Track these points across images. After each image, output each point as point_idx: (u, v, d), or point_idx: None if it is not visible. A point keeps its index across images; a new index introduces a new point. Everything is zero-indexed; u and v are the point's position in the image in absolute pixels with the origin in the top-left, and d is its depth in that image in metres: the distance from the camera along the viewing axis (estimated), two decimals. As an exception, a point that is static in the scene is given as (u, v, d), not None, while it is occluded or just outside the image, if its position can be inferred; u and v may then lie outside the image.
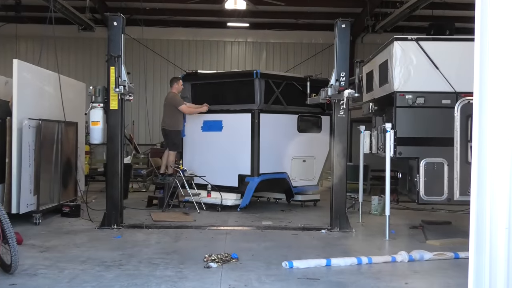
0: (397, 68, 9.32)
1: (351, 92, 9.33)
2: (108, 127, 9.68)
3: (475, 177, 4.25)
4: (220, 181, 11.98)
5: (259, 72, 11.65)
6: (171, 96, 12.32)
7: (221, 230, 9.61)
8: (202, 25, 21.88)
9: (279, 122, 12.11)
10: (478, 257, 4.20)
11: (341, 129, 9.64)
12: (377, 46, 12.33)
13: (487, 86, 4.19)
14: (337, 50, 9.59)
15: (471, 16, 4.58)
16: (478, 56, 4.25)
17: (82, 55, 21.78)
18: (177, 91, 12.39)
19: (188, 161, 12.52)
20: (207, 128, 12.35)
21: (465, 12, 17.78)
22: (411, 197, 9.81)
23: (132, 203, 12.59)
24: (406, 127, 9.29)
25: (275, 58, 22.36)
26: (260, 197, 13.52)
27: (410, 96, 9.23)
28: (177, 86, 12.40)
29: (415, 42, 9.31)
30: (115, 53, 9.49)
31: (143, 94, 20.63)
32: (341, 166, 9.63)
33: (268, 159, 11.77)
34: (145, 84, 20.51)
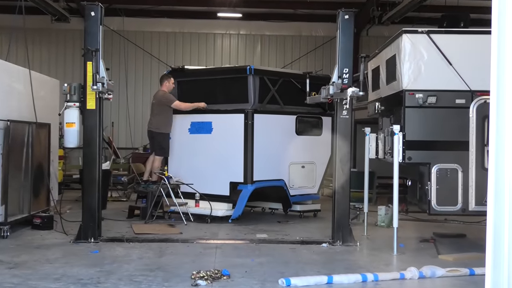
0: (406, 64, 9.34)
1: (355, 91, 9.35)
2: (85, 129, 9.67)
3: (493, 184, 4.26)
4: (210, 189, 11.97)
5: (253, 68, 11.66)
6: (161, 94, 12.33)
7: (210, 244, 9.59)
8: (190, 16, 21.90)
9: (275, 123, 12.12)
10: (495, 273, 4.21)
11: (344, 131, 9.65)
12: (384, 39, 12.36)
13: (505, 84, 4.20)
14: (340, 43, 9.61)
15: (488, 6, 4.60)
16: (496, 51, 4.26)
17: (56, 49, 21.75)
18: (167, 90, 12.39)
19: (174, 167, 12.51)
20: (195, 130, 12.35)
21: (481, 2, 17.86)
22: (421, 207, 9.82)
23: (111, 213, 12.56)
24: (416, 130, 9.31)
25: (271, 52, 22.39)
26: (254, 207, 13.52)
27: (420, 95, 9.25)
28: (167, 85, 12.41)
29: (426, 35, 9.33)
30: (93, 47, 9.47)
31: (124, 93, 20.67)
32: (344, 173, 9.64)
33: (263, 165, 11.77)
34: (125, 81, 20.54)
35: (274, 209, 13.27)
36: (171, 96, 12.32)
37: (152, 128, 12.37)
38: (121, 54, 21.09)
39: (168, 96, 12.28)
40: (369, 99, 12.09)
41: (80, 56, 10.73)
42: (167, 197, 11.93)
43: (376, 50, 11.46)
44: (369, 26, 21.72)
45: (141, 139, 20.54)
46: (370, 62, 11.91)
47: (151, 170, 12.43)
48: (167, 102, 12.20)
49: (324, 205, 13.12)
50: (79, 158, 17.80)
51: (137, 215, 12.27)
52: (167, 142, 12.39)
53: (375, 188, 14.22)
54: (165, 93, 12.34)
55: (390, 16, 19.67)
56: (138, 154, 18.98)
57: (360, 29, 21.58)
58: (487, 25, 5.81)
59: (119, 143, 21.08)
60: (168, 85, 12.41)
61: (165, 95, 12.30)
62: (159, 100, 12.31)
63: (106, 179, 13.86)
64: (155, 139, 12.37)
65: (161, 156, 12.42)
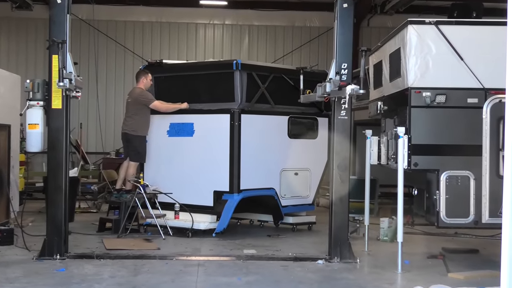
0: (412, 59, 9.38)
1: (355, 88, 9.37)
2: (50, 131, 9.64)
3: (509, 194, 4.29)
4: (191, 199, 11.97)
5: (239, 62, 11.67)
6: (138, 92, 12.32)
7: (192, 261, 9.58)
8: (168, 3, 21.91)
9: (265, 125, 12.13)
10: (511, 293, 4.24)
11: (343, 134, 9.67)
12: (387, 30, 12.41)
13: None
14: (338, 35, 9.63)
15: (503, -5, 4.63)
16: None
17: (16, 40, 21.67)
18: (145, 87, 12.38)
19: (150, 174, 12.49)
20: (175, 133, 12.34)
21: (496, -11, 17.96)
22: (429, 219, 9.85)
23: (79, 227, 12.53)
24: (423, 132, 9.35)
25: (260, 45, 22.42)
26: (241, 219, 13.52)
27: (428, 94, 9.29)
28: (145, 81, 12.40)
29: (435, 26, 9.37)
30: (59, 38, 9.44)
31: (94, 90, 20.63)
32: (343, 181, 9.66)
33: (251, 172, 11.78)
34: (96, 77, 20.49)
35: (264, 222, 13.27)
36: (149, 94, 12.31)
37: (127, 130, 12.34)
38: (90, 46, 21.04)
39: (146, 95, 12.26)
40: (370, 98, 12.13)
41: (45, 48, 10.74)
42: (142, 208, 11.91)
43: (378, 43, 11.50)
44: (371, 15, 21.80)
45: (113, 142, 20.50)
46: (371, 56, 11.95)
47: (125, 177, 12.41)
48: (145, 102, 12.18)
49: (320, 217, 13.13)
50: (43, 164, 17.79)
51: (108, 228, 12.24)
52: (144, 146, 12.38)
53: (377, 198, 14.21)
54: (142, 91, 12.33)
55: (394, 4, 19.75)
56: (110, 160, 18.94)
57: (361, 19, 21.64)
58: (502, 15, 5.85)
59: (89, 147, 21.03)
60: (145, 82, 12.40)
61: (142, 93, 12.29)
62: (136, 98, 12.29)
63: (74, 187, 13.80)
64: (130, 142, 12.36)
65: (137, 162, 12.40)
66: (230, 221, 12.01)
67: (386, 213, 13.39)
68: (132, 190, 12.22)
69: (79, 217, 14.12)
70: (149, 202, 11.90)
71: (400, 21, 9.91)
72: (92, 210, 15.44)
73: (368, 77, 11.85)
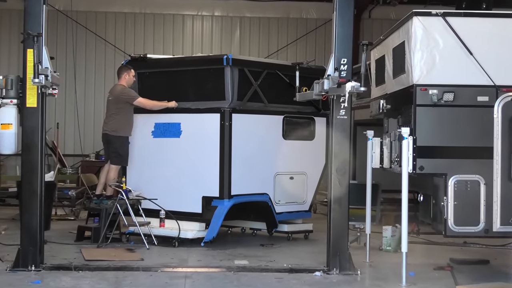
0: (418, 54, 9.38)
1: (355, 86, 9.36)
2: (24, 132, 9.62)
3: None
4: (178, 206, 11.96)
5: (230, 57, 11.66)
6: (119, 90, 12.29)
7: (178, 273, 9.57)
8: (153, -7, 21.93)
9: (258, 125, 12.13)
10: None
11: (342, 135, 9.67)
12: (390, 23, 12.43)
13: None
14: (337, 28, 9.63)
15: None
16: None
17: (-12, 33, 21.64)
18: (127, 84, 12.35)
19: (133, 178, 12.48)
20: (160, 133, 12.33)
21: (507, -21, 18.01)
22: (436, 228, 9.86)
23: (56, 236, 12.50)
24: (430, 133, 9.35)
25: (253, 39, 22.42)
26: (232, 227, 13.52)
27: (434, 91, 9.29)
28: (127, 78, 12.36)
29: (442, 18, 9.38)
30: (34, 31, 9.42)
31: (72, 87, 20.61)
32: (342, 186, 9.65)
33: (243, 176, 11.78)
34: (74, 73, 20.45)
35: (257, 230, 13.27)
36: (132, 91, 12.29)
37: (107, 131, 12.31)
38: (68, 40, 21.00)
39: (129, 92, 12.24)
40: (372, 96, 12.13)
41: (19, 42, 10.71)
42: (124, 215, 11.89)
43: (380, 36, 11.50)
44: (372, 6, 21.84)
45: (92, 144, 20.45)
46: (373, 50, 11.96)
47: (106, 182, 12.38)
48: (127, 99, 12.15)
49: (317, 224, 13.14)
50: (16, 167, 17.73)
51: (88, 237, 12.21)
52: (126, 148, 12.35)
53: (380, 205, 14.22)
54: (124, 88, 12.30)
55: (397, -6, 19.78)
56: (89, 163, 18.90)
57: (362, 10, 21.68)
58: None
59: (66, 149, 20.98)
60: (127, 79, 12.37)
61: (124, 90, 12.26)
62: (117, 96, 12.26)
63: (50, 193, 13.77)
64: (111, 144, 12.32)
65: (118, 165, 12.38)
66: (220, 229, 12.01)
67: (389, 221, 13.39)
68: (114, 195, 12.20)
69: (55, 225, 14.09)
70: (132, 209, 11.88)
71: (405, 12, 9.91)
72: (69, 217, 15.41)
73: (369, 73, 11.85)
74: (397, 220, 11.51)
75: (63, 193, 16.05)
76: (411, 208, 9.84)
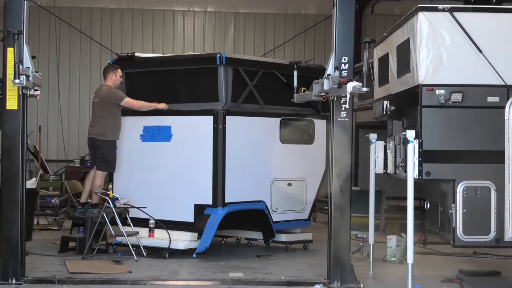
0: (423, 51, 9.38)
1: (357, 86, 9.36)
2: (4, 136, 9.61)
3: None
4: (168, 214, 11.95)
5: (224, 56, 11.67)
6: (105, 91, 12.27)
7: (169, 286, 9.58)
8: (141, -13, 21.93)
9: (254, 128, 12.13)
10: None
11: (343, 138, 9.66)
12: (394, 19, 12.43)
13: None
14: (337, 24, 9.63)
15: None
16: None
17: (-35, 31, 21.60)
18: (113, 85, 12.34)
19: (121, 185, 12.47)
20: (150, 137, 12.32)
21: (518, -28, 18.04)
22: (443, 237, 9.85)
23: (38, 246, 12.48)
24: (437, 136, 9.35)
25: (248, 36, 22.42)
26: (227, 237, 13.51)
27: (441, 91, 9.29)
28: (114, 78, 12.35)
29: (449, 14, 9.38)
30: (15, 28, 9.40)
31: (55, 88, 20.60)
32: (343, 193, 9.64)
33: (237, 183, 11.78)
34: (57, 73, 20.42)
35: (252, 240, 13.27)
36: (119, 91, 12.27)
37: (93, 135, 12.29)
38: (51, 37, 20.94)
39: (115, 92, 12.22)
40: (375, 96, 12.14)
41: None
42: (111, 224, 11.87)
43: (384, 33, 11.51)
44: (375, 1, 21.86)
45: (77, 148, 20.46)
46: (376, 48, 11.96)
47: (91, 189, 12.36)
48: (114, 100, 12.13)
49: (317, 234, 13.14)
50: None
51: (72, 248, 12.19)
52: (113, 153, 12.33)
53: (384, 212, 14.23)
54: (111, 88, 12.28)
55: (402, -11, 19.81)
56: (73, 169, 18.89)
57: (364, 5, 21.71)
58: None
59: (49, 154, 20.97)
60: (114, 79, 12.36)
61: (110, 91, 12.24)
62: (103, 98, 12.24)
63: (32, 201, 13.76)
64: (97, 149, 12.30)
65: (105, 171, 12.36)
66: (214, 239, 11.99)
67: (394, 230, 13.40)
68: (100, 204, 12.19)
69: (38, 235, 14.07)
70: (119, 218, 11.87)
71: (409, 7, 9.91)
72: (53, 227, 15.38)
73: (372, 72, 11.86)
74: (402, 229, 11.49)
75: (45, 201, 16.08)
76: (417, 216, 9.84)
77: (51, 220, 15.86)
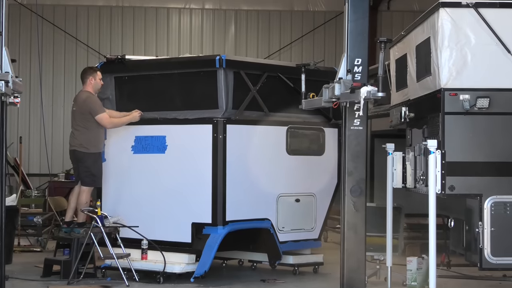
0: (446, 52, 9.37)
1: (372, 91, 9.35)
2: (-20, 148, 9.61)
3: None
4: (163, 234, 11.94)
5: (224, 58, 11.66)
6: (84, 98, 12.24)
7: (164, 315, 9.55)
8: (133, -17, 21.99)
9: (258, 138, 12.11)
10: None
11: (356, 149, 9.64)
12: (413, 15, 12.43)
13: None
14: (349, 22, 9.63)
15: None
16: None
17: None
18: (93, 90, 12.32)
19: (110, 201, 12.46)
20: (142, 149, 12.31)
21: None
22: (469, 259, 9.82)
23: (19, 270, 12.51)
24: (461, 146, 9.33)
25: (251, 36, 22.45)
26: (228, 259, 13.48)
27: (466, 96, 9.27)
28: (93, 82, 12.33)
29: (473, 10, 9.37)
30: (-8, 28, 9.44)
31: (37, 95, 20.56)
32: (357, 209, 9.62)
33: (239, 198, 11.76)
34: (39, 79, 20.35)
35: (257, 262, 13.24)
36: (96, 103, 12.13)
37: (75, 147, 12.24)
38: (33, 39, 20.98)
39: (92, 104, 12.05)
40: (392, 102, 12.12)
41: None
42: (100, 245, 11.85)
43: (401, 32, 11.50)
44: (391, -4, 21.90)
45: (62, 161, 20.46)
46: (393, 49, 11.96)
47: (77, 206, 12.34)
48: (91, 111, 12.03)
49: (328, 256, 13.12)
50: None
51: (56, 272, 12.19)
52: (99, 165, 12.31)
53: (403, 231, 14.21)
54: (89, 96, 12.19)
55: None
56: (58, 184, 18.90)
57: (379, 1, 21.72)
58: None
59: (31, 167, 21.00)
60: (94, 83, 12.28)
61: (88, 99, 12.13)
62: (81, 106, 12.18)
63: (12, 220, 13.76)
64: (82, 162, 12.25)
65: (91, 187, 12.35)
66: (214, 262, 11.96)
67: (414, 251, 13.39)
68: (87, 222, 12.17)
69: (18, 258, 14.08)
70: (109, 238, 11.84)
71: (430, 3, 9.89)
72: (35, 249, 15.39)
73: (388, 75, 11.85)
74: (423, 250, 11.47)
75: (27, 220, 16.03)
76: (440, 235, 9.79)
77: (33, 240, 15.84)
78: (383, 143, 11.18)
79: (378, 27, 21.27)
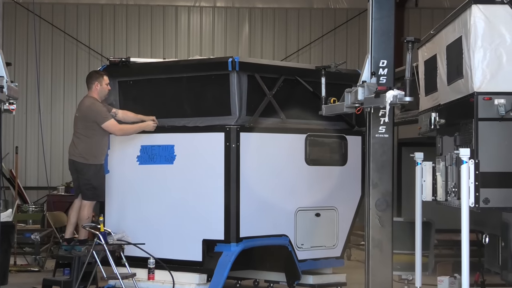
0: (479, 52, 9.36)
1: (398, 95, 9.35)
2: (-27, 159, 9.65)
3: None
4: (171, 252, 11.96)
5: (237, 60, 11.67)
6: (88, 105, 12.27)
7: None
8: (138, -21, 22.06)
9: (274, 147, 12.12)
10: None
11: (382, 158, 9.65)
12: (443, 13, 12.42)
13: None
14: (374, 20, 9.64)
15: None
16: None
17: None
18: (99, 97, 12.34)
19: (114, 217, 12.49)
20: (148, 159, 12.33)
21: None
22: (506, 278, 9.80)
23: (15, 292, 12.52)
24: (496, 155, 9.31)
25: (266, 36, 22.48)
26: (242, 279, 13.47)
27: (501, 101, 9.26)
28: (98, 88, 12.34)
29: (508, 6, 9.37)
30: (-15, 29, 9.49)
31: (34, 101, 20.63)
32: (383, 225, 9.62)
33: (254, 213, 11.77)
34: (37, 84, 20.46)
35: (273, 282, 13.21)
36: (102, 110, 12.16)
37: (74, 157, 12.27)
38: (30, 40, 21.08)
39: (97, 111, 12.07)
40: (420, 107, 12.11)
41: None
42: (103, 265, 11.87)
43: (431, 31, 11.50)
44: (419, -8, 21.91)
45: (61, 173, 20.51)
46: (421, 49, 11.96)
47: (78, 222, 12.37)
48: (95, 118, 12.06)
49: (352, 275, 13.11)
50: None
51: (56, 294, 12.22)
52: (101, 178, 12.34)
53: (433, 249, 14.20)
54: (95, 102, 12.23)
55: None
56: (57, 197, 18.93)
57: (406, -3, 21.75)
58: None
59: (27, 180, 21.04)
60: (99, 89, 12.30)
61: (93, 106, 12.17)
62: (85, 113, 12.19)
63: (7, 237, 13.80)
64: (81, 174, 12.27)
65: (93, 201, 12.37)
66: (227, 282, 11.95)
67: (445, 270, 13.36)
68: (89, 239, 12.19)
69: (14, 278, 14.12)
70: (112, 257, 11.85)
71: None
72: (33, 268, 15.41)
73: (417, 78, 11.84)
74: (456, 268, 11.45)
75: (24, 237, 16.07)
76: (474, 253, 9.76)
77: (31, 259, 15.88)
78: (411, 152, 11.16)
79: (405, 26, 21.27)
